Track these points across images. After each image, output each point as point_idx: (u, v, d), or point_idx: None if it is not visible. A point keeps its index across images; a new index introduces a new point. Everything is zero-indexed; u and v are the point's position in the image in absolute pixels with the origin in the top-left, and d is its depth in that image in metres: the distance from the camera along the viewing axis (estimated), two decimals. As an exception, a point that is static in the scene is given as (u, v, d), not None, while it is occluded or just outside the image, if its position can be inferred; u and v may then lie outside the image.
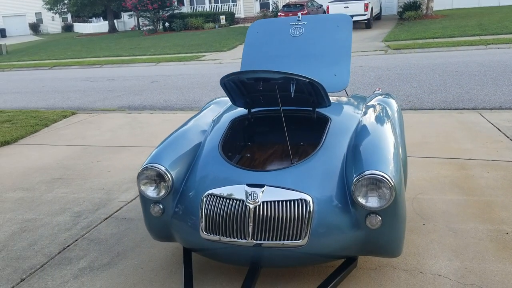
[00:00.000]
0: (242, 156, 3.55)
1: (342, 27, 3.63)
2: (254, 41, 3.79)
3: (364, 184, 2.39)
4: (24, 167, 5.56)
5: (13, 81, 16.60)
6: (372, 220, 2.42)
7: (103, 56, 22.69)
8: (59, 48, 28.22)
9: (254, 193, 2.47)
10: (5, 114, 9.54)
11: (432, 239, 3.18)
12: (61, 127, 8.03)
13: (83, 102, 10.88)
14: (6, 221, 3.90)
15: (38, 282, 2.91)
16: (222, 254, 2.58)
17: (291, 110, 3.21)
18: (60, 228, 3.68)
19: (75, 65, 20.69)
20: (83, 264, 3.10)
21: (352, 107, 3.31)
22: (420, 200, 3.82)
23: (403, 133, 3.29)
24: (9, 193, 4.62)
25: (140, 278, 2.88)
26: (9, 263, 3.17)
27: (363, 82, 10.29)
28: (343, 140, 2.81)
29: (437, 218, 3.48)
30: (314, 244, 2.43)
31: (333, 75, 3.48)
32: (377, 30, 22.76)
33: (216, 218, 2.49)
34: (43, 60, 23.59)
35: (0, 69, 22.07)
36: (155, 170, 2.66)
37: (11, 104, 11.41)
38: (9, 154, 6.36)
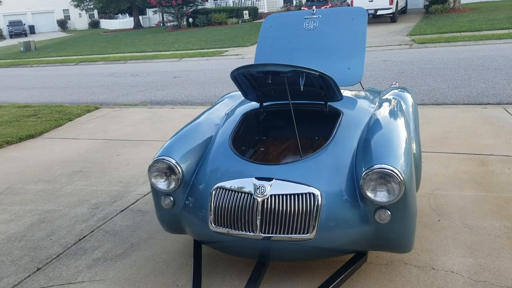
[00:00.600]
0: (256, 150, 3.56)
1: (357, 20, 3.58)
2: (268, 35, 3.77)
3: (373, 178, 2.36)
4: (47, 160, 5.69)
5: (41, 77, 16.99)
6: (381, 215, 2.40)
7: (127, 52, 22.99)
8: (85, 44, 28.72)
9: (262, 186, 2.47)
10: (31, 108, 9.78)
11: (446, 235, 3.13)
12: (84, 122, 8.18)
13: (107, 97, 11.06)
14: (26, 212, 4.00)
15: (53, 271, 2.98)
16: (231, 246, 2.59)
17: (303, 104, 3.20)
18: (77, 220, 3.76)
19: (100, 61, 21.03)
20: (97, 254, 3.16)
21: (366, 101, 3.27)
22: (437, 196, 3.76)
23: (417, 128, 3.24)
24: (31, 185, 4.75)
25: (152, 269, 2.92)
26: (27, 252, 3.26)
27: (386, 76, 10.15)
28: (354, 134, 2.78)
29: (453, 214, 3.42)
30: (322, 238, 2.42)
31: (347, 69, 3.44)
32: (402, 24, 22.39)
33: (224, 211, 2.51)
34: (69, 56, 24.06)
35: (28, 65, 22.62)
36: (166, 163, 2.69)
37: (37, 99, 11.67)
38: (33, 147, 6.52)
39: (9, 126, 7.95)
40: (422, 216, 3.42)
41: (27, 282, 2.87)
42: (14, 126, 7.97)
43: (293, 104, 3.21)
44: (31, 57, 25.58)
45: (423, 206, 3.59)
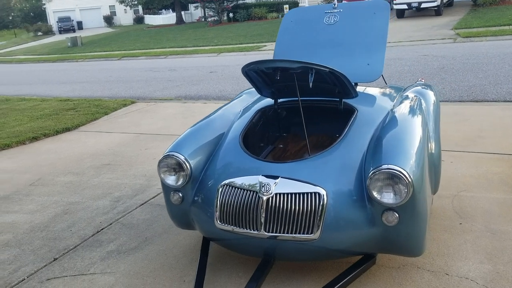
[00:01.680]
0: (275, 147, 3.52)
1: (379, 14, 3.47)
2: (288, 30, 3.71)
3: (380, 178, 2.28)
4: (79, 153, 5.86)
5: (84, 71, 17.54)
6: (388, 217, 2.31)
7: (168, 47, 23.37)
8: (129, 40, 29.40)
9: (267, 185, 2.44)
10: (71, 102, 10.12)
11: (466, 239, 2.99)
12: (120, 115, 8.37)
13: (144, 91, 11.28)
14: (52, 203, 4.14)
15: (69, 262, 3.06)
16: (236, 244, 2.58)
17: (318, 101, 3.13)
18: (98, 212, 3.85)
19: (142, 56, 21.48)
20: (112, 247, 3.23)
21: (384, 98, 3.17)
22: (462, 198, 3.60)
23: (437, 127, 3.10)
24: (60, 177, 4.90)
25: (162, 263, 2.95)
26: (46, 242, 3.37)
27: (424, 72, 9.82)
28: (366, 132, 2.70)
29: (476, 218, 3.27)
30: (326, 238, 2.36)
31: (366, 65, 3.34)
32: (448, 17, 21.59)
33: (230, 208, 2.49)
34: (113, 51, 24.69)
35: (74, 60, 23.43)
36: (175, 159, 2.70)
37: (79, 93, 12.06)
38: (68, 140, 6.74)
39: (49, 119, 8.25)
40: (443, 219, 3.29)
41: (43, 271, 2.97)
42: (53, 119, 8.26)
43: (308, 101, 3.15)
44: (77, 52, 26.46)
45: (446, 208, 3.45)
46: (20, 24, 59.40)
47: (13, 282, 2.88)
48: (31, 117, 8.56)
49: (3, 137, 6.93)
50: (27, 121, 8.22)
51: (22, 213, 3.95)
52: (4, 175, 5.15)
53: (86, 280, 2.83)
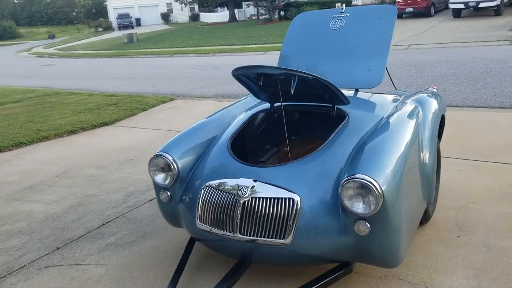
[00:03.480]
0: (280, 150, 3.56)
1: (385, 19, 3.41)
2: (295, 34, 3.73)
3: (351, 187, 2.27)
4: (108, 147, 6.13)
5: (135, 67, 18.18)
6: (360, 227, 2.30)
7: (218, 44, 23.70)
8: (182, 37, 30.10)
9: (244, 188, 2.49)
10: (114, 98, 10.54)
11: (459, 253, 2.90)
12: (156, 112, 8.64)
13: (186, 88, 11.55)
14: (70, 195, 4.38)
15: (68, 252, 3.25)
16: (214, 245, 2.65)
17: (312, 106, 3.13)
18: (109, 205, 4.04)
19: (192, 53, 21.95)
20: (112, 240, 3.39)
21: (381, 105, 3.12)
22: (468, 210, 3.48)
23: (433, 137, 3.00)
24: (85, 170, 5.16)
25: (152, 259, 3.07)
26: (54, 232, 3.59)
27: (469, 75, 9.42)
28: (352, 139, 2.68)
29: (477, 231, 3.15)
30: (299, 244, 2.38)
31: (367, 71, 3.30)
32: (508, 17, 20.54)
33: (209, 209, 2.56)
34: (165, 48, 25.36)
35: (128, 56, 24.29)
36: (163, 159, 2.81)
37: (125, 88, 12.53)
38: (102, 134, 7.06)
39: (90, 114, 8.65)
40: (442, 230, 3.20)
41: (43, 259, 3.17)
42: (94, 113, 8.66)
43: (303, 106, 3.16)
44: (132, 49, 27.40)
45: (448, 219, 3.35)
46: (83, 20, 62.27)
47: (15, 267, 3.10)
48: (74, 111, 9.01)
49: (44, 129, 7.35)
50: (70, 115, 8.66)
51: (41, 203, 4.22)
52: (35, 165, 5.48)
53: (79, 270, 2.99)
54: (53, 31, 63.55)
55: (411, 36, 18.00)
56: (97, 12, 61.61)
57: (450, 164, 4.46)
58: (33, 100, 11.17)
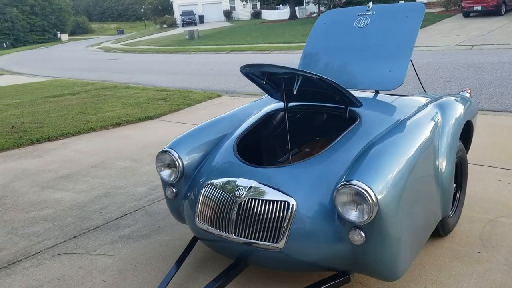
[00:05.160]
0: (301, 150, 3.50)
1: (412, 18, 3.22)
2: (319, 33, 3.62)
3: (346, 193, 2.16)
4: (147, 140, 6.29)
5: (192, 63, 18.56)
6: (354, 235, 2.19)
7: (275, 42, 23.69)
8: (241, 34, 30.36)
9: (242, 188, 2.45)
10: (165, 92, 10.81)
11: (476, 270, 2.69)
12: (201, 108, 8.77)
13: (234, 86, 11.63)
14: (100, 185, 4.52)
15: (83, 241, 3.35)
16: (211, 244, 2.62)
17: (326, 107, 3.02)
18: (132, 198, 4.13)
19: (248, 51, 22.09)
20: (125, 232, 3.46)
21: (398, 109, 2.95)
22: (497, 224, 3.23)
23: (453, 145, 2.79)
24: (120, 162, 5.32)
25: (159, 253, 3.10)
26: (75, 221, 3.72)
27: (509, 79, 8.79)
28: (359, 143, 2.55)
29: (501, 248, 2.92)
30: (292, 249, 2.31)
31: (388, 72, 3.14)
32: None
33: (208, 208, 2.54)
34: (224, 45, 25.69)
35: (187, 52, 24.84)
36: (169, 155, 2.82)
37: (178, 83, 12.81)
38: (145, 127, 7.25)
39: (138, 107, 8.92)
40: (462, 245, 2.99)
41: (59, 246, 3.29)
42: (141, 107, 8.92)
43: (317, 107, 3.06)
44: (192, 45, 28.00)
45: (472, 233, 3.13)
46: (150, 17, 64.45)
47: (32, 252, 3.23)
48: (124, 104, 9.33)
49: (92, 121, 7.67)
50: (120, 108, 8.98)
51: (71, 192, 4.39)
52: (76, 155, 5.72)
53: (89, 259, 3.08)
54: (122, 27, 66.43)
55: (476, 36, 17.07)
56: (163, 9, 63.54)
57: (489, 173, 4.17)
58: (90, 92, 11.69)
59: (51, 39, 58.19)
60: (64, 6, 62.95)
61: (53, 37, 58.68)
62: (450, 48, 15.07)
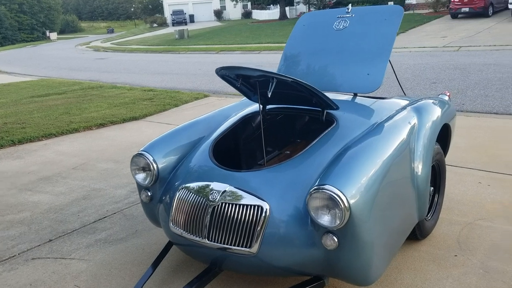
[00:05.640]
0: (281, 152, 3.48)
1: (390, 20, 3.22)
2: (299, 34, 3.60)
3: (318, 197, 2.14)
4: (130, 141, 6.23)
5: (180, 63, 18.46)
6: (327, 240, 2.17)
7: (265, 42, 23.68)
8: (231, 34, 30.30)
9: (215, 193, 2.42)
10: (152, 92, 10.73)
11: (451, 274, 2.69)
12: (187, 108, 8.72)
13: (222, 86, 11.58)
14: (79, 188, 4.47)
15: (58, 245, 3.30)
16: (185, 249, 2.59)
17: (303, 110, 3.00)
18: (111, 200, 4.08)
19: (238, 51, 22.04)
20: (102, 235, 3.41)
21: (375, 112, 2.93)
22: (475, 227, 3.23)
23: (429, 148, 2.78)
24: (102, 163, 5.26)
25: (134, 258, 3.06)
26: (52, 224, 3.66)
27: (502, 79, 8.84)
28: (334, 147, 2.54)
29: (477, 251, 2.92)
30: (265, 254, 2.28)
31: (366, 74, 3.13)
32: None
33: (181, 213, 2.51)
34: (213, 45, 25.62)
35: (176, 52, 24.74)
36: (143, 158, 2.78)
37: (166, 84, 12.74)
38: (130, 128, 7.19)
39: (123, 108, 8.85)
40: (439, 248, 2.99)
41: (33, 250, 3.24)
42: (127, 107, 8.85)
43: (294, 109, 3.04)
44: (181, 45, 27.89)
45: (449, 236, 3.13)
46: (141, 16, 64.14)
47: (5, 257, 3.18)
48: (110, 104, 9.25)
49: (76, 121, 7.59)
50: (105, 108, 8.90)
51: (50, 194, 4.33)
52: (58, 156, 5.65)
53: (63, 264, 3.03)
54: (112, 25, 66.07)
55: (464, 37, 17.20)
56: (153, 8, 63.26)
57: (470, 175, 4.18)
58: (76, 92, 11.59)
59: (40, 37, 57.69)
60: (53, 4, 62.41)
61: (42, 35, 58.18)
62: (437, 49, 15.15)
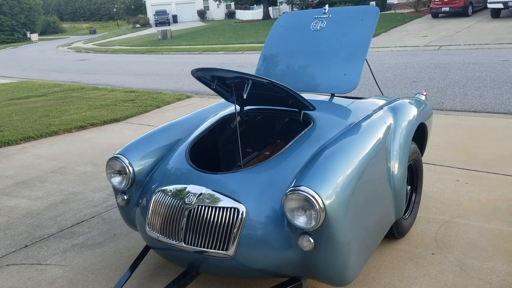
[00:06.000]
0: (261, 153, 3.47)
1: (366, 21, 3.23)
2: (277, 35, 3.60)
3: (294, 199, 2.14)
4: (111, 144, 6.16)
5: (163, 64, 18.34)
6: (303, 242, 2.17)
7: (248, 42, 23.65)
8: (214, 34, 30.21)
9: (192, 196, 2.40)
10: (133, 94, 10.64)
11: (428, 272, 2.71)
12: (169, 109, 8.65)
13: (205, 86, 11.51)
14: (56, 192, 4.40)
15: (34, 250, 3.25)
16: (162, 252, 2.57)
17: (280, 111, 3.00)
18: (89, 204, 4.03)
19: (221, 51, 21.96)
20: (79, 240, 3.36)
21: (352, 112, 2.94)
22: (452, 225, 3.26)
23: (405, 148, 2.80)
24: (80, 167, 5.19)
25: (112, 262, 3.02)
26: (28, 229, 3.60)
27: (494, 79, 8.97)
28: (310, 148, 2.53)
29: (455, 249, 2.94)
30: (241, 256, 2.27)
31: (343, 75, 3.14)
32: (550, 18, 19.57)
33: (158, 216, 2.48)
34: (197, 45, 25.50)
35: (159, 52, 24.56)
36: (119, 162, 2.74)
37: (148, 85, 12.64)
38: (110, 130, 7.11)
39: (104, 109, 8.75)
40: (417, 246, 3.01)
41: (8, 257, 3.18)
42: (108, 109, 8.75)
43: (271, 110, 3.04)
44: (164, 45, 27.71)
45: (427, 234, 3.15)
46: (123, 16, 63.60)
47: (-21, 264, 3.12)
48: (91, 106, 9.14)
49: (56, 124, 7.48)
50: (85, 110, 8.79)
51: (27, 199, 4.25)
52: (36, 160, 5.57)
53: (38, 270, 2.98)
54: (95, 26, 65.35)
55: (444, 36, 17.40)
56: (136, 9, 62.77)
57: (448, 174, 4.23)
58: (56, 94, 11.43)
59: (20, 39, 56.79)
60: (34, 5, 61.47)
61: (22, 37, 57.26)
62: (418, 48, 15.30)
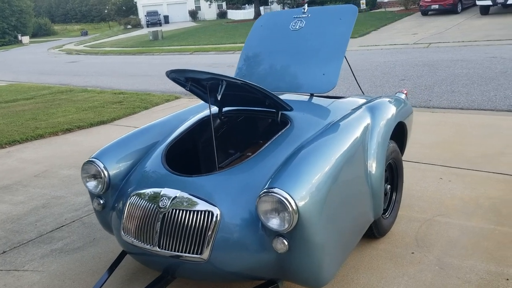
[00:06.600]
0: (243, 154, 3.45)
1: (345, 20, 3.22)
2: (256, 36, 3.58)
3: (267, 201, 2.12)
4: (96, 146, 6.09)
5: (153, 65, 18.29)
6: (277, 244, 2.15)
7: (239, 42, 23.61)
8: (206, 34, 30.15)
9: (166, 199, 2.37)
10: (122, 95, 10.58)
11: (407, 272, 2.70)
12: (157, 111, 8.61)
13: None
14: (38, 196, 4.36)
15: (12, 256, 3.21)
16: (137, 257, 2.54)
17: (258, 112, 2.98)
18: (71, 208, 3.99)
19: (212, 51, 21.93)
20: (58, 245, 3.32)
21: (331, 112, 2.93)
22: (433, 223, 3.26)
23: (383, 147, 2.79)
24: (64, 170, 5.15)
25: (90, 267, 2.99)
26: (7, 235, 3.56)
27: (482, 76, 9.00)
28: (286, 148, 2.51)
29: (434, 248, 2.93)
30: (216, 260, 2.25)
31: (322, 75, 3.12)
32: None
33: (132, 220, 2.46)
34: (188, 46, 25.45)
35: (150, 53, 24.49)
36: (94, 166, 2.71)
37: (137, 86, 12.58)
38: (97, 133, 7.07)
39: (91, 112, 8.70)
40: (397, 245, 3.00)
41: (-15, 263, 3.14)
42: (96, 111, 8.70)
43: (248, 111, 3.02)
44: (155, 46, 27.63)
45: (408, 233, 3.14)
46: (115, 17, 63.35)
47: (-45, 271, 3.08)
48: (78, 109, 9.09)
49: (42, 127, 7.42)
50: (73, 112, 8.73)
51: (8, 204, 4.21)
52: (20, 164, 5.52)
53: (15, 276, 2.94)
54: (86, 28, 65.05)
55: (434, 34, 17.45)
56: (127, 10, 62.55)
57: (432, 171, 4.22)
58: (45, 97, 11.35)
59: (11, 41, 56.45)
60: (25, 7, 61.10)
61: (14, 39, 56.92)
62: (408, 46, 15.34)
